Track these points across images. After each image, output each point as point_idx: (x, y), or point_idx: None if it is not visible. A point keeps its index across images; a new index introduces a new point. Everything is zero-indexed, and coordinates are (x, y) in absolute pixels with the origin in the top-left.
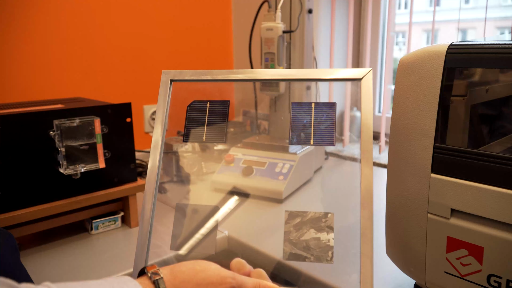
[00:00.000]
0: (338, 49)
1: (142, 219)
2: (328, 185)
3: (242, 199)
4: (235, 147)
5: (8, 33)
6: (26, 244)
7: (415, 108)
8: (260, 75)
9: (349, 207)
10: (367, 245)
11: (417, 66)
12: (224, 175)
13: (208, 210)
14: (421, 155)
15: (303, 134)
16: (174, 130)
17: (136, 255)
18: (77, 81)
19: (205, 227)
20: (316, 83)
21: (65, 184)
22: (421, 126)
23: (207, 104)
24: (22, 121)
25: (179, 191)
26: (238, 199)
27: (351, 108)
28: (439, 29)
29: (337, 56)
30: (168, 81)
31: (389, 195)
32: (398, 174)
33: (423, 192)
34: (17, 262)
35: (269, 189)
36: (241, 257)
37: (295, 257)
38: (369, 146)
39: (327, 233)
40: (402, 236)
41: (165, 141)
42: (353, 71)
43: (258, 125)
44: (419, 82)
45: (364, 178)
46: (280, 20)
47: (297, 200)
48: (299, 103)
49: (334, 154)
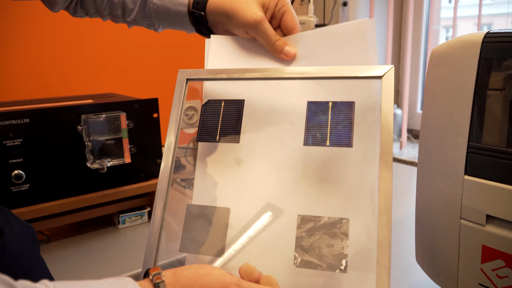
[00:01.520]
0: (377, 43)
1: (152, 218)
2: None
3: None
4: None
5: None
6: (55, 236)
7: (447, 103)
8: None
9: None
10: (384, 255)
11: (450, 57)
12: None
13: (219, 212)
14: (454, 155)
15: (319, 135)
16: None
17: (145, 255)
18: (112, 78)
19: (215, 230)
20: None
21: (92, 178)
22: (454, 123)
23: (221, 103)
24: (50, 115)
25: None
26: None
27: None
28: (493, 24)
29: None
30: (184, 80)
31: (419, 197)
32: (429, 175)
33: (455, 195)
34: (35, 254)
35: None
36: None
37: (307, 264)
38: (388, 148)
39: (341, 240)
40: (433, 243)
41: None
42: (373, 68)
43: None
44: (452, 74)
45: (382, 182)
46: (313, 14)
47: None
48: (315, 102)
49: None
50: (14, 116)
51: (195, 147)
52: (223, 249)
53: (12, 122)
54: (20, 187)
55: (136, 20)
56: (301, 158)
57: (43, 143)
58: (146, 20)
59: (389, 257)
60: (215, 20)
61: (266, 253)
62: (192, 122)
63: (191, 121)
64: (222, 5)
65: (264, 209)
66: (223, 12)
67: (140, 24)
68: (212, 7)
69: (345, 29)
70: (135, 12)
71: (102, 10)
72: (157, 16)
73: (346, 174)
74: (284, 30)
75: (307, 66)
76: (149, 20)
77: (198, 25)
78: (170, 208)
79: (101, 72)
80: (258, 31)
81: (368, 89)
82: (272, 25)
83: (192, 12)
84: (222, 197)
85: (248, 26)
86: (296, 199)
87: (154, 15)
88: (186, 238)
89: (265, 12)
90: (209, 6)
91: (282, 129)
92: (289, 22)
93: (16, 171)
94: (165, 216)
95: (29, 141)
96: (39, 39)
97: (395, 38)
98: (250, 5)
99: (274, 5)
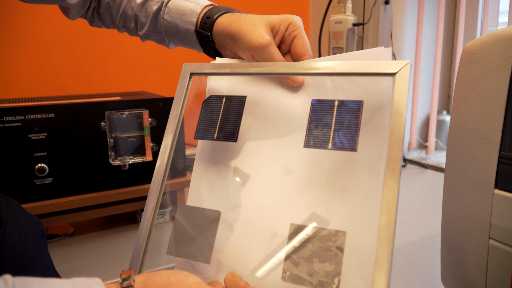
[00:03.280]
0: (426, 43)
1: (143, 218)
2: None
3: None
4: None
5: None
6: (80, 230)
7: (477, 107)
8: (281, 68)
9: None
10: (381, 275)
11: (482, 54)
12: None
13: (210, 215)
14: (483, 166)
15: (321, 136)
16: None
17: (132, 256)
18: (148, 76)
19: (204, 234)
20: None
21: (115, 175)
22: (484, 128)
23: (223, 99)
24: (74, 110)
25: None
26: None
27: (439, 111)
28: None
29: (425, 52)
30: (188, 74)
31: (444, 212)
32: (455, 187)
33: (484, 211)
34: (39, 247)
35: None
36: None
37: (295, 279)
38: (397, 153)
39: (335, 255)
40: (459, 263)
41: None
42: (387, 63)
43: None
44: (484, 74)
45: (387, 192)
46: (351, 12)
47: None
48: (320, 100)
49: (415, 161)
50: (40, 110)
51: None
52: (210, 255)
53: (37, 116)
54: (43, 180)
55: (147, 35)
56: (300, 161)
57: (67, 138)
58: (157, 36)
59: (387, 277)
60: (222, 42)
61: (255, 262)
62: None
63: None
64: (229, 27)
65: (256, 214)
66: (230, 34)
67: (151, 38)
68: (219, 28)
69: (358, 57)
70: (147, 27)
71: (117, 22)
72: (167, 33)
73: (347, 182)
74: (294, 56)
75: (315, 94)
76: (159, 35)
77: (204, 46)
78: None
79: (137, 70)
80: (264, 56)
81: (380, 88)
82: (282, 50)
83: (199, 32)
84: (215, 199)
85: (253, 50)
86: (290, 206)
87: (164, 31)
88: (174, 240)
89: (274, 36)
90: (216, 27)
91: (283, 128)
92: (300, 47)
93: (39, 164)
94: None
95: (53, 136)
96: (83, 38)
97: (447, 40)
98: (258, 28)
99: (285, 28)
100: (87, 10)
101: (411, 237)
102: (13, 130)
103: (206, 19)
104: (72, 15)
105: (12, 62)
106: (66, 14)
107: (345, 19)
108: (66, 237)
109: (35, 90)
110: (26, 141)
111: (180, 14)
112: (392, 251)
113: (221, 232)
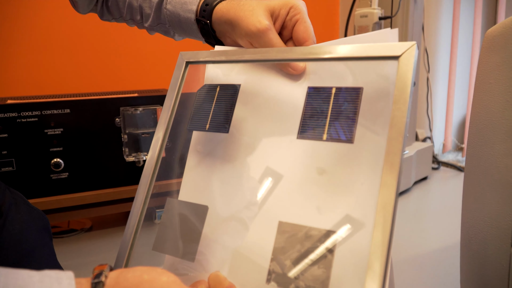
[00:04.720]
0: (463, 38)
1: (131, 212)
2: (427, 198)
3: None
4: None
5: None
6: (97, 226)
7: (499, 99)
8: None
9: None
10: (373, 281)
11: (505, 39)
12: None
13: (197, 210)
14: (505, 164)
15: (316, 127)
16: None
17: (118, 251)
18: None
19: (190, 230)
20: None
21: (129, 171)
22: (507, 123)
23: (217, 88)
24: (90, 106)
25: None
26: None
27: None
28: None
29: (462, 47)
30: (184, 63)
31: (464, 216)
32: (476, 188)
33: (506, 216)
34: (41, 240)
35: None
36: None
37: (281, 282)
38: (397, 146)
39: (325, 258)
40: (479, 272)
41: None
42: (390, 45)
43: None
44: (507, 61)
45: (384, 190)
46: (377, 5)
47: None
48: (316, 88)
49: (450, 164)
50: (56, 106)
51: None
52: (195, 252)
53: (53, 112)
54: (59, 175)
55: (152, 26)
56: (292, 153)
57: (83, 133)
58: (162, 27)
59: (380, 284)
60: (221, 30)
61: (240, 262)
62: None
63: None
64: (228, 13)
65: (243, 210)
66: (228, 20)
67: (157, 30)
68: (218, 15)
69: (363, 40)
70: (151, 18)
71: (125, 15)
72: (170, 23)
73: (342, 177)
74: (296, 42)
75: (318, 82)
76: (164, 26)
77: (205, 34)
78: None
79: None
80: (262, 42)
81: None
82: (283, 36)
83: (199, 20)
84: (203, 193)
85: (251, 36)
86: (279, 202)
87: (168, 22)
88: (160, 236)
89: (274, 21)
90: (215, 14)
91: (279, 119)
92: (302, 32)
93: (55, 159)
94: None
95: (69, 131)
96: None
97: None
98: (256, 13)
99: (286, 12)
100: (96, 4)
101: (444, 242)
102: (30, 125)
103: (205, 6)
104: (81, 8)
105: (38, 60)
106: (76, 8)
107: (371, 13)
108: (83, 232)
109: (67, 87)
110: (43, 136)
111: (181, 2)
112: (388, 256)
113: (208, 228)
